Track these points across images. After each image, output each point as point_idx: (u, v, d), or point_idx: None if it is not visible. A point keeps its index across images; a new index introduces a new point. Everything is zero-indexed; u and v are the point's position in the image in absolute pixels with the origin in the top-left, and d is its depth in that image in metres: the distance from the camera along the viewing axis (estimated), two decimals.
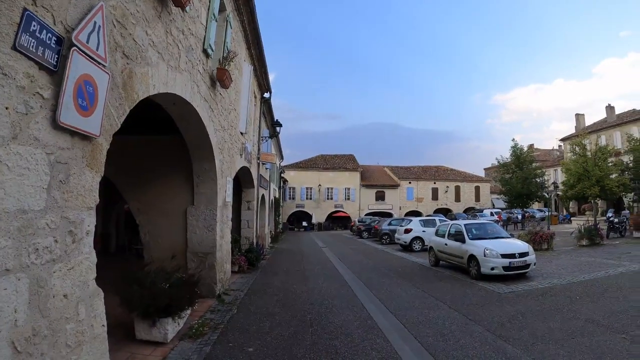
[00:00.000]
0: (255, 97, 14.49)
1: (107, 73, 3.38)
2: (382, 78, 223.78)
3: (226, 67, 7.74)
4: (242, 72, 10.83)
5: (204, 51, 6.73)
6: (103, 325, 3.52)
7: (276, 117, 19.64)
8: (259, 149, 15.62)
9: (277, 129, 19.94)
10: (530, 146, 45.78)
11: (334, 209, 48.49)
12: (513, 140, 34.71)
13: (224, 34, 7.95)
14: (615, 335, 5.52)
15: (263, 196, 18.23)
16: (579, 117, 51.97)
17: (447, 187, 52.00)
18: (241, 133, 11.14)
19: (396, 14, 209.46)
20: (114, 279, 5.00)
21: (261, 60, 13.36)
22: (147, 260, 5.90)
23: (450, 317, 6.66)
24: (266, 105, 17.43)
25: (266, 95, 16.68)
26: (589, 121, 52.69)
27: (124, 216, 17.65)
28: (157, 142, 8.37)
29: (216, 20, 7.21)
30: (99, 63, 3.27)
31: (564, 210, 44.45)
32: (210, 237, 7.98)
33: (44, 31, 2.66)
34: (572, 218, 35.45)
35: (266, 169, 18.55)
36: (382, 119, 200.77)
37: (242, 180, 13.83)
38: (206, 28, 6.65)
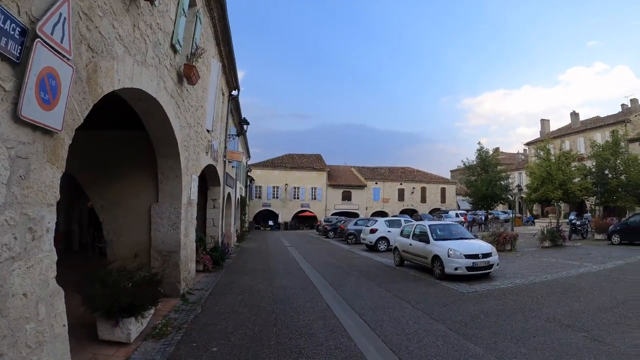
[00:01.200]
0: (223, 94, 14.33)
1: (71, 66, 3.29)
2: (352, 79, 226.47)
3: (194, 64, 7.64)
4: (211, 68, 10.70)
5: (172, 46, 6.62)
6: (64, 325, 3.42)
7: (244, 115, 19.51)
8: (225, 147, 15.45)
9: (245, 127, 19.81)
10: (496, 149, 47.29)
11: (301, 209, 48.56)
12: (479, 143, 35.76)
13: (193, 30, 7.84)
14: (576, 334, 5.67)
15: (229, 194, 18.04)
16: (544, 122, 54.28)
17: (414, 188, 52.97)
18: (208, 130, 10.99)
19: (369, 16, 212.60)
20: (76, 277, 4.86)
21: (230, 58, 13.24)
22: (110, 259, 5.75)
23: (414, 317, 6.72)
24: (234, 103, 17.26)
25: (234, 93, 16.54)
26: (554, 127, 55.14)
27: (88, 213, 17.05)
28: (122, 138, 8.15)
29: (185, 16, 7.11)
30: (63, 56, 3.18)
31: (528, 213, 46.17)
32: (174, 236, 7.84)
33: (8, 21, 2.58)
34: (535, 220, 36.65)
35: (233, 167, 18.36)
36: (351, 119, 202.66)
37: (208, 178, 13.65)
38: (175, 23, 6.55)
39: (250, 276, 11.25)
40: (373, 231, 18.90)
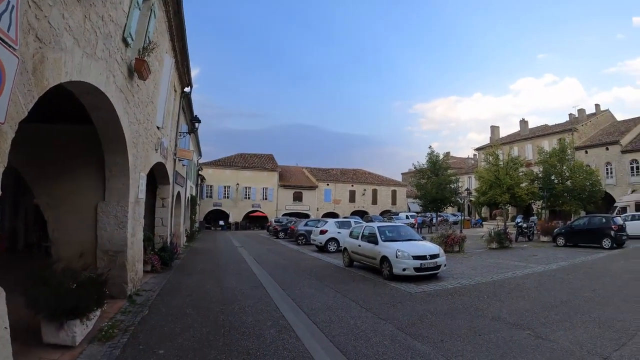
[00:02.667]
0: (175, 90, 13.97)
1: (17, 57, 3.15)
2: (308, 80, 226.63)
3: (145, 58, 7.45)
4: (163, 64, 10.41)
5: (124, 40, 6.42)
6: (5, 328, 3.25)
7: (198, 112, 19.20)
8: (176, 145, 15.06)
9: (196, 124, 19.38)
10: (447, 154, 48.95)
11: (252, 209, 48.10)
12: (430, 147, 36.58)
13: (146, 23, 7.61)
14: (521, 332, 5.87)
15: (179, 193, 17.57)
16: (494, 129, 56.97)
17: (365, 190, 53.89)
18: (158, 127, 10.69)
19: (327, 19, 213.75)
20: (20, 278, 4.60)
21: (184, 54, 12.95)
22: (55, 259, 5.46)
23: (362, 317, 6.78)
24: (186, 100, 16.86)
25: (187, 89, 16.15)
26: (503, 133, 58.05)
27: (34, 211, 16.04)
28: (70, 132, 7.77)
29: (140, 9, 6.91)
30: (9, 45, 3.04)
31: (477, 215, 48.09)
32: (121, 235, 7.56)
33: None
34: (483, 223, 38.26)
35: (183, 165, 17.91)
36: (305, 120, 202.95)
37: (158, 177, 13.24)
38: (128, 16, 6.35)
39: (199, 277, 11.06)
40: (323, 232, 18.90)
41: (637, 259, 14.11)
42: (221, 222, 45.46)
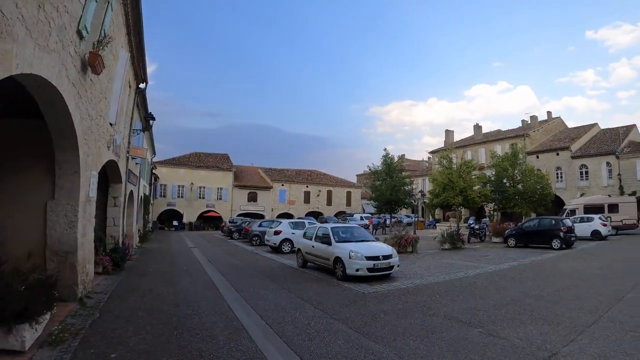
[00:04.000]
0: (129, 86, 13.51)
1: None
2: (266, 80, 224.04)
3: (100, 52, 7.17)
4: (118, 58, 10.06)
5: (78, 32, 6.18)
6: None
7: (153, 110, 18.53)
8: (129, 142, 14.53)
9: (151, 122, 18.81)
10: (402, 156, 49.89)
11: (206, 209, 47.33)
12: (385, 149, 37.02)
13: (103, 16, 7.35)
14: (472, 330, 6.00)
15: (131, 192, 16.97)
16: (448, 132, 58.87)
17: (320, 191, 54.21)
18: (110, 124, 10.31)
19: (290, 21, 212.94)
20: None
21: (140, 49, 12.55)
22: (2, 260, 5.14)
23: (315, 317, 6.77)
24: (141, 97, 16.32)
25: (142, 85, 15.64)
26: (457, 137, 60.18)
27: None
28: (18, 128, 7.41)
29: (96, 1, 6.67)
30: None
31: (430, 217, 49.50)
32: (71, 235, 7.23)
33: None
34: (437, 224, 39.37)
35: (136, 163, 17.32)
36: (262, 120, 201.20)
37: (110, 175, 12.73)
38: (84, 7, 6.12)
39: (152, 278, 10.79)
40: (277, 233, 18.77)
41: (584, 259, 14.90)
42: (175, 222, 44.30)
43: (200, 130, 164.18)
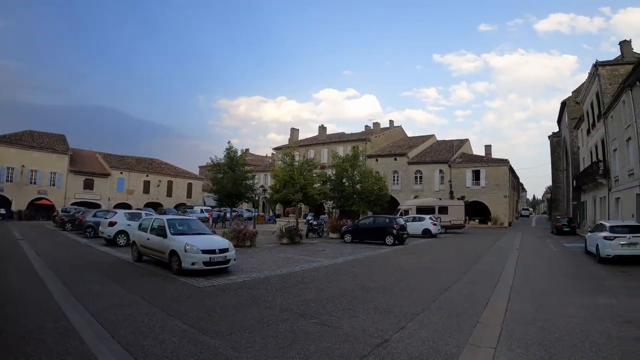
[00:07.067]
0: None
1: None
2: (111, 59, 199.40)
3: None
4: None
5: None
6: None
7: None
8: None
9: None
10: (246, 151, 49.45)
11: (38, 196, 40.73)
12: (229, 142, 36.27)
13: None
14: (308, 321, 6.20)
15: None
16: (294, 131, 60.80)
17: (160, 181, 51.44)
18: None
19: (147, 4, 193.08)
20: None
21: None
22: None
23: (150, 314, 6.50)
24: None
25: None
26: (302, 136, 62.62)
27: None
28: None
29: None
30: None
31: (271, 212, 50.35)
32: None
33: None
34: (277, 219, 40.19)
35: None
36: (106, 102, 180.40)
37: None
38: None
39: None
40: (112, 224, 17.35)
41: (415, 254, 16.74)
42: (3, 211, 36.85)
43: (39, 106, 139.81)
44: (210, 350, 4.86)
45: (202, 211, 38.95)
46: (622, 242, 13.12)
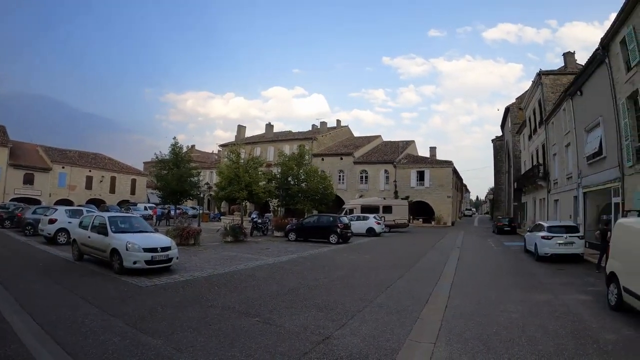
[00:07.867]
0: None
1: None
2: (53, 45, 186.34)
3: None
4: None
5: None
6: None
7: None
8: None
9: None
10: (192, 147, 48.42)
11: None
12: (174, 138, 35.36)
13: None
14: (250, 319, 6.26)
15: None
16: (240, 128, 59.80)
17: (103, 177, 49.20)
18: None
19: None
20: None
21: None
22: None
23: (91, 314, 6.37)
24: None
25: None
26: (249, 134, 61.59)
27: None
28: None
29: None
30: None
31: (216, 209, 49.53)
32: None
33: None
34: (222, 217, 39.61)
35: None
36: (47, 91, 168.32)
37: None
38: None
39: None
40: (52, 221, 16.66)
41: (358, 252, 16.99)
42: None
43: None
44: (152, 350, 4.84)
45: (145, 208, 37.74)
46: (559, 242, 14.19)
